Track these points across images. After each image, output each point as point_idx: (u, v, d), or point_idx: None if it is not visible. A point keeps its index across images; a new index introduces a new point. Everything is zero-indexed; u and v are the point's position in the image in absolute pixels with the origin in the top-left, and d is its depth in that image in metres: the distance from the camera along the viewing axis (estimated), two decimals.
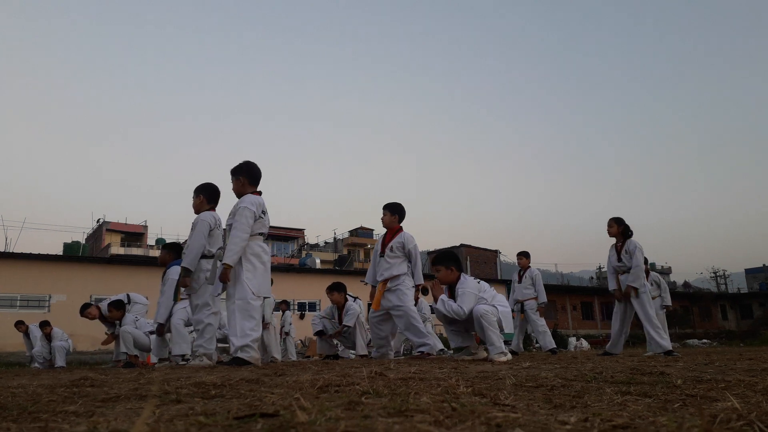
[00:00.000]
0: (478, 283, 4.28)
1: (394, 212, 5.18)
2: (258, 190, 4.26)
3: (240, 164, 4.28)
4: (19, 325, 10.05)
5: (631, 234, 5.92)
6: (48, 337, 9.27)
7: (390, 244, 5.12)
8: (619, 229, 5.90)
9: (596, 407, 1.32)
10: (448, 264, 4.28)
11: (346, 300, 6.22)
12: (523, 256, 7.91)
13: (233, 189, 4.30)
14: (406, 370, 2.52)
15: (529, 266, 7.83)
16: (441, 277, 4.32)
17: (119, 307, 6.61)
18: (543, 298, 7.72)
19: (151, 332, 6.38)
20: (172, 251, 5.62)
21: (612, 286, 6.04)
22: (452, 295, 4.30)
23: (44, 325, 9.33)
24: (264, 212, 4.17)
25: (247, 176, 4.22)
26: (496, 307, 4.20)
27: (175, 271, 5.32)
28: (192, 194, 4.62)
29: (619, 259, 5.90)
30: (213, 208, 4.62)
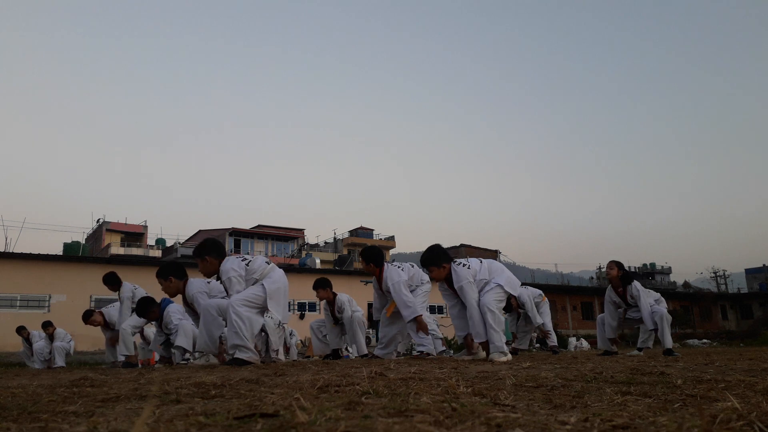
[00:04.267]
0: (468, 268, 4.27)
1: (368, 260, 5.11)
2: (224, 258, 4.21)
3: (201, 245, 4.24)
4: (21, 330, 9.98)
5: (632, 280, 5.97)
6: (51, 337, 9.23)
7: (383, 291, 5.13)
8: (619, 273, 5.95)
9: (596, 407, 1.32)
10: (439, 263, 4.31)
11: (335, 295, 6.17)
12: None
13: (201, 271, 4.26)
14: (406, 370, 2.52)
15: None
16: (434, 276, 4.37)
17: (113, 281, 6.48)
18: (537, 320, 7.68)
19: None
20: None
21: (612, 334, 6.11)
22: (451, 287, 4.31)
23: (47, 325, 9.28)
24: (248, 263, 4.15)
25: (212, 254, 4.19)
26: (501, 286, 4.19)
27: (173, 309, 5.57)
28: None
29: (627, 303, 6.02)
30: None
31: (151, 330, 7.65)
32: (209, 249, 4.22)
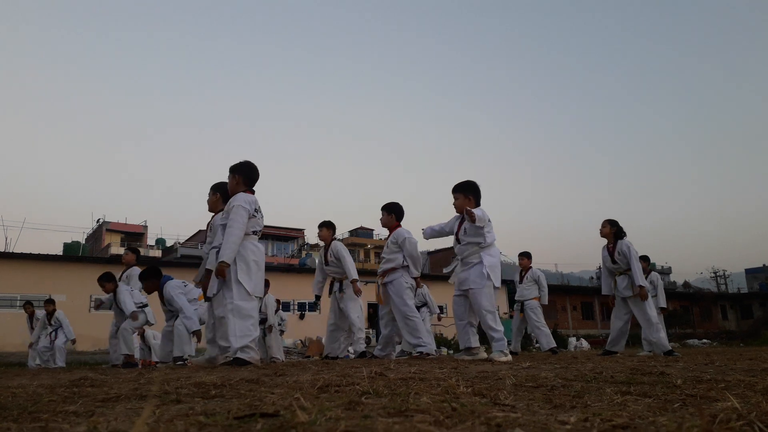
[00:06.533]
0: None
1: (391, 211, 5.23)
2: (252, 189, 4.19)
3: (240, 162, 4.22)
4: (26, 306, 9.72)
5: (624, 235, 5.98)
6: (50, 315, 8.58)
7: (387, 241, 5.22)
8: (612, 230, 5.96)
9: (596, 407, 1.32)
10: (467, 193, 4.23)
11: (334, 238, 6.05)
12: (525, 256, 7.88)
13: (227, 185, 4.25)
14: (406, 370, 2.52)
15: (531, 267, 7.81)
16: (458, 205, 4.26)
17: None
18: (545, 299, 7.71)
19: (144, 305, 6.26)
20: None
21: (606, 290, 6.09)
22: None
23: (49, 302, 8.70)
24: (257, 210, 4.11)
25: (243, 176, 4.15)
26: (491, 282, 4.15)
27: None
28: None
29: (614, 261, 5.97)
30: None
31: (150, 332, 7.59)
32: (244, 170, 4.16)
